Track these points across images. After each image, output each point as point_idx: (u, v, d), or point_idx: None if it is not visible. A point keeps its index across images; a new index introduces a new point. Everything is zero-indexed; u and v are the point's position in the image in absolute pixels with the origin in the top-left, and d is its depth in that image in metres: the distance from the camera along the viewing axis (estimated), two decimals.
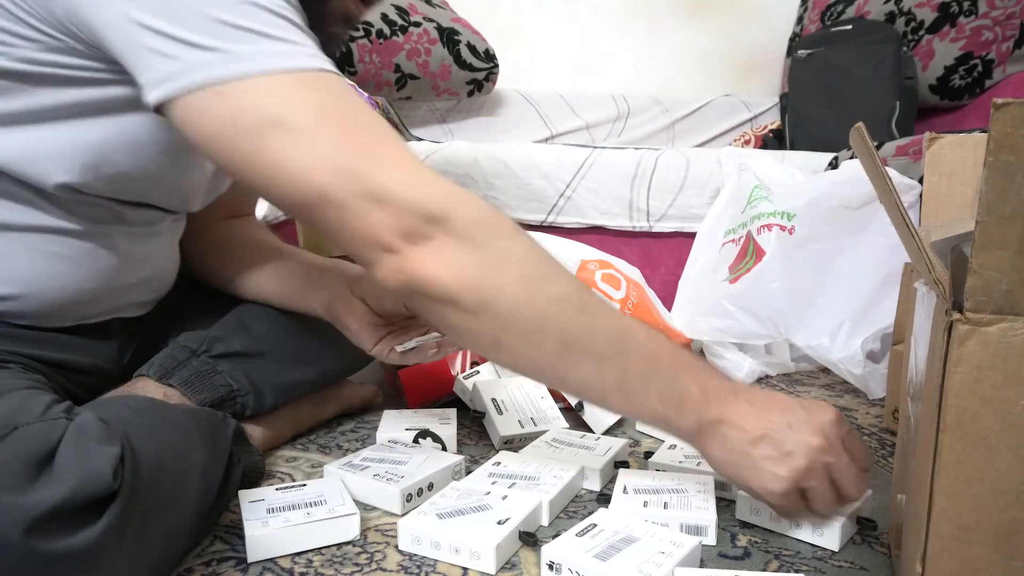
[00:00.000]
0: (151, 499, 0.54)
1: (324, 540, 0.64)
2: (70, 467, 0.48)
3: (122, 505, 0.50)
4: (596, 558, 0.57)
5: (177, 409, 0.69)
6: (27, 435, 0.50)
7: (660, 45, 2.42)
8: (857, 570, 0.63)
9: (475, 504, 0.67)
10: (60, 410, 0.55)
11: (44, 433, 0.50)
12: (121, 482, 0.50)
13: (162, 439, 0.58)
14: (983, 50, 1.92)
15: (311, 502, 0.67)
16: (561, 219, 1.61)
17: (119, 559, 0.50)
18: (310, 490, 0.70)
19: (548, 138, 2.26)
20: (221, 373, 0.82)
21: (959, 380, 0.44)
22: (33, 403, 0.55)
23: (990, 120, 0.41)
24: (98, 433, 0.52)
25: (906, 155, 1.36)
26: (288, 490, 0.70)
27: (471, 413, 0.97)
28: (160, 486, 0.55)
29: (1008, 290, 0.42)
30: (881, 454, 0.91)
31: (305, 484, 0.71)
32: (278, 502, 0.67)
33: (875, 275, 1.18)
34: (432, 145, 1.69)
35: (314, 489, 0.70)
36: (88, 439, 0.51)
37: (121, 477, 0.50)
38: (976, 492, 0.45)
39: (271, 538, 0.62)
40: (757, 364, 1.26)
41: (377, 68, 1.97)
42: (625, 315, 0.67)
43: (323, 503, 0.67)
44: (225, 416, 0.73)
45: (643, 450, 0.90)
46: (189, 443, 0.62)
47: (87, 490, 0.48)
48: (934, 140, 1.01)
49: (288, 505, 0.66)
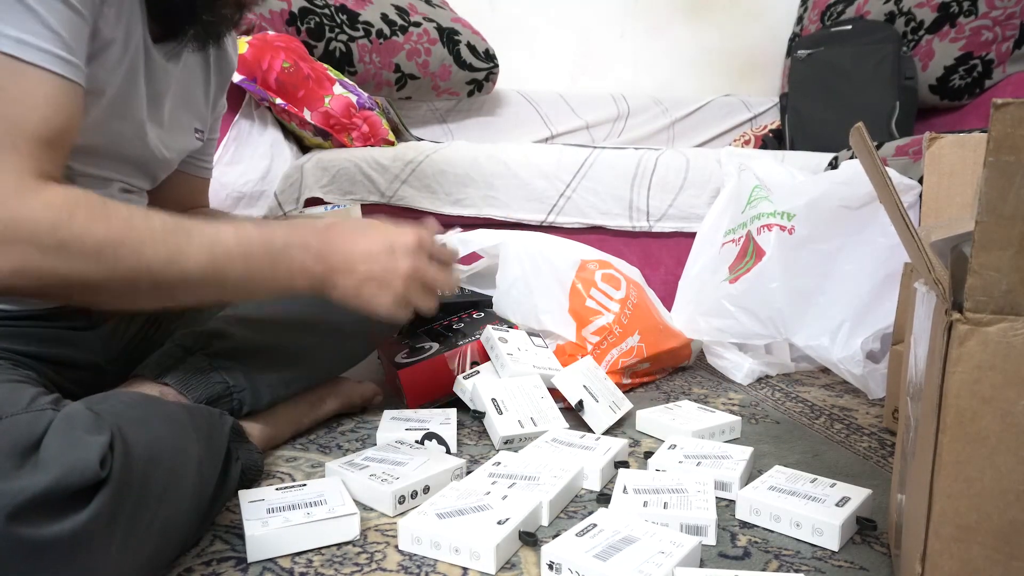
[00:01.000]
0: (144, 491, 0.54)
1: (324, 540, 0.64)
2: (56, 455, 0.49)
3: (111, 494, 0.50)
4: (596, 558, 0.57)
5: (172, 405, 0.69)
6: (13, 424, 0.51)
7: (660, 45, 2.42)
8: (857, 570, 0.63)
9: (475, 504, 0.67)
10: (47, 401, 0.56)
11: (30, 423, 0.51)
12: (110, 471, 0.50)
13: (155, 432, 0.59)
14: (983, 50, 1.92)
15: (311, 502, 0.67)
16: (561, 219, 1.61)
17: (108, 549, 0.50)
18: (310, 490, 0.70)
19: (548, 138, 2.26)
20: (217, 370, 0.82)
21: (959, 380, 0.44)
22: (19, 395, 0.56)
23: (990, 120, 0.41)
24: (87, 422, 0.52)
25: (906, 155, 1.36)
26: (288, 490, 0.70)
27: (471, 413, 0.97)
28: (153, 479, 0.55)
29: (1008, 290, 0.42)
30: (881, 454, 0.91)
31: (305, 484, 0.71)
32: (278, 502, 0.67)
33: (875, 275, 1.18)
34: (432, 145, 1.69)
35: (314, 489, 0.70)
36: (76, 428, 0.51)
37: (110, 466, 0.50)
38: (976, 492, 0.45)
39: (271, 538, 0.62)
40: (757, 364, 1.26)
41: (377, 68, 1.97)
42: (210, 226, 0.68)
43: (323, 503, 0.67)
44: (222, 413, 0.73)
45: (643, 450, 0.90)
46: (184, 438, 0.62)
47: (73, 478, 0.48)
48: (934, 140, 1.01)
49: (288, 505, 0.66)
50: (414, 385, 1.04)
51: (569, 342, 1.15)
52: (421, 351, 1.08)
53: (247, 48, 1.57)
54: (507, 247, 1.19)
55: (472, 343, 1.08)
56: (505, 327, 1.11)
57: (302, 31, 1.86)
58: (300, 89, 1.64)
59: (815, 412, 1.08)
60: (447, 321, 1.20)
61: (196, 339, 0.84)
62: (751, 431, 0.99)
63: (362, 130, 1.71)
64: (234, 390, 0.83)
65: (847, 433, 0.99)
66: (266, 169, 1.57)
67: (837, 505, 0.68)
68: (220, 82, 0.95)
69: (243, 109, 1.64)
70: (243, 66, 1.56)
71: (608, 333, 1.16)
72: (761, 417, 1.05)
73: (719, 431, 0.94)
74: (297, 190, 1.55)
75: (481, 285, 1.28)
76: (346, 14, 1.92)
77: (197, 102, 0.90)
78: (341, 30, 1.91)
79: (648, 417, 0.98)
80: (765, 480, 0.74)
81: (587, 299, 1.18)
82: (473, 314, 1.21)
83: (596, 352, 1.14)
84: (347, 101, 1.69)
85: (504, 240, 1.21)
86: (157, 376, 0.79)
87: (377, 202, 1.58)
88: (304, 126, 1.67)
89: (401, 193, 1.58)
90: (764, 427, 1.01)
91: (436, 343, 1.10)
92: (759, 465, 0.85)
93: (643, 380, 1.23)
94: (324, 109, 1.66)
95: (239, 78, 1.55)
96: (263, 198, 1.56)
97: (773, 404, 1.12)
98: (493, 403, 0.93)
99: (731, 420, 0.96)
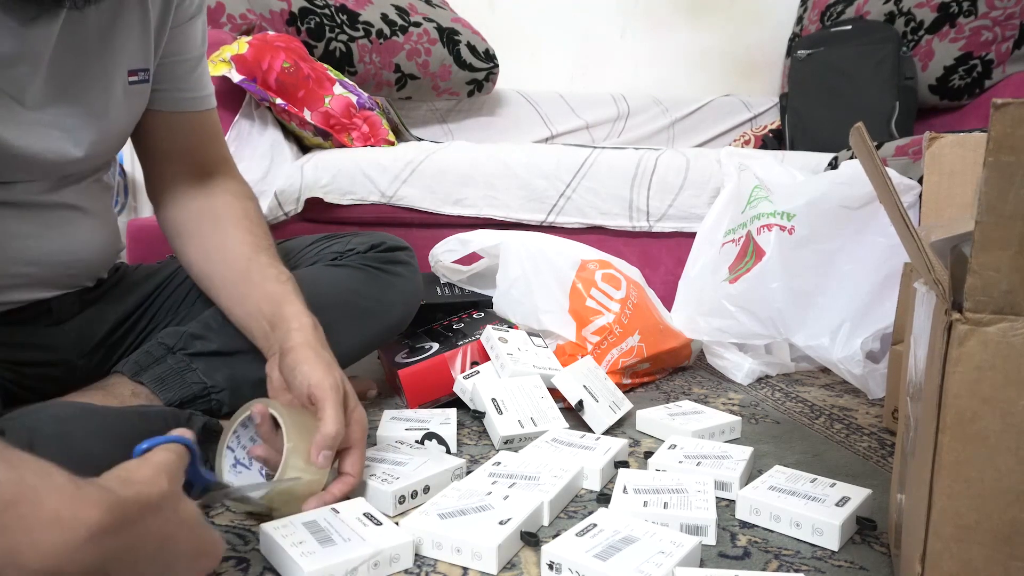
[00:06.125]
0: None
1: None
2: None
3: None
4: (596, 558, 0.57)
5: (114, 415, 0.66)
6: None
7: (660, 45, 2.42)
8: (857, 570, 0.63)
9: (476, 504, 0.67)
10: None
11: None
12: None
13: (79, 449, 0.54)
14: (983, 50, 1.92)
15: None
16: (561, 219, 1.61)
17: None
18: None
19: (548, 138, 2.26)
20: (195, 371, 0.82)
21: (959, 380, 0.44)
22: None
23: (990, 120, 0.41)
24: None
25: (906, 155, 1.36)
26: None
27: (471, 413, 0.97)
28: None
29: (1008, 290, 0.42)
30: (881, 454, 0.91)
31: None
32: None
33: (875, 275, 1.18)
34: (432, 145, 1.69)
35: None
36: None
37: None
38: (976, 492, 0.45)
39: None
40: (757, 364, 1.27)
41: (377, 68, 1.97)
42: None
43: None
44: (192, 413, 0.73)
45: (643, 450, 0.90)
46: (120, 449, 0.53)
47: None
48: (934, 140, 1.01)
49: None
50: (414, 385, 1.04)
51: (569, 342, 1.15)
52: (421, 351, 1.08)
53: (247, 48, 1.57)
54: (507, 247, 1.19)
55: (472, 343, 1.08)
56: (505, 327, 1.12)
57: (302, 31, 1.86)
58: (300, 89, 1.64)
59: (815, 412, 1.08)
60: (447, 321, 1.20)
61: (178, 338, 0.84)
62: (751, 431, 0.99)
63: (362, 130, 1.71)
64: (212, 391, 0.82)
65: (847, 433, 0.99)
66: (266, 169, 1.57)
67: (837, 505, 0.68)
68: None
69: (243, 109, 1.64)
70: (243, 66, 1.56)
71: (608, 333, 1.16)
72: (761, 417, 1.05)
73: (719, 431, 0.94)
74: (297, 190, 1.55)
75: (481, 285, 1.28)
76: (346, 14, 1.92)
77: (124, 47, 0.79)
78: (341, 30, 1.91)
79: (648, 417, 0.98)
80: (765, 480, 0.74)
81: (587, 299, 1.18)
82: (473, 314, 1.21)
83: (596, 352, 1.14)
84: (347, 101, 1.69)
85: (504, 240, 1.21)
86: (133, 375, 0.79)
87: (377, 202, 1.58)
88: (304, 126, 1.67)
89: (401, 193, 1.58)
90: (764, 427, 1.01)
91: (436, 343, 1.10)
92: (759, 465, 0.85)
93: (643, 380, 1.23)
94: (324, 109, 1.66)
95: (239, 78, 1.56)
96: (263, 198, 1.56)
97: (773, 404, 1.12)
98: (493, 403, 0.93)
99: (731, 420, 0.96)
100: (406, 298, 1.03)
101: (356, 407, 0.71)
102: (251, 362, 0.85)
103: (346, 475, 0.69)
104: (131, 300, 0.92)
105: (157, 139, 0.89)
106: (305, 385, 0.68)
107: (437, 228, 1.57)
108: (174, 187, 0.90)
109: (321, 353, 0.71)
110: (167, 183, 0.90)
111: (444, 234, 1.29)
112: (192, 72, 0.88)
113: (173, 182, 0.90)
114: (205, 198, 0.89)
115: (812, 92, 2.09)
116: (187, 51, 0.87)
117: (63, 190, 0.79)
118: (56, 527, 0.38)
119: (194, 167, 0.90)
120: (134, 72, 0.80)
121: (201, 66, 0.90)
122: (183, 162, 0.90)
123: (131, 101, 0.82)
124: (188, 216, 0.89)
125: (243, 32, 1.78)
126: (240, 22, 1.81)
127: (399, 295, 1.01)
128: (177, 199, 0.90)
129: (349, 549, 0.58)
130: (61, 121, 0.75)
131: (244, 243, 0.84)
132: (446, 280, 1.30)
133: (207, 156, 0.92)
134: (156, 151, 0.90)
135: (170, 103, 0.87)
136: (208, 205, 0.89)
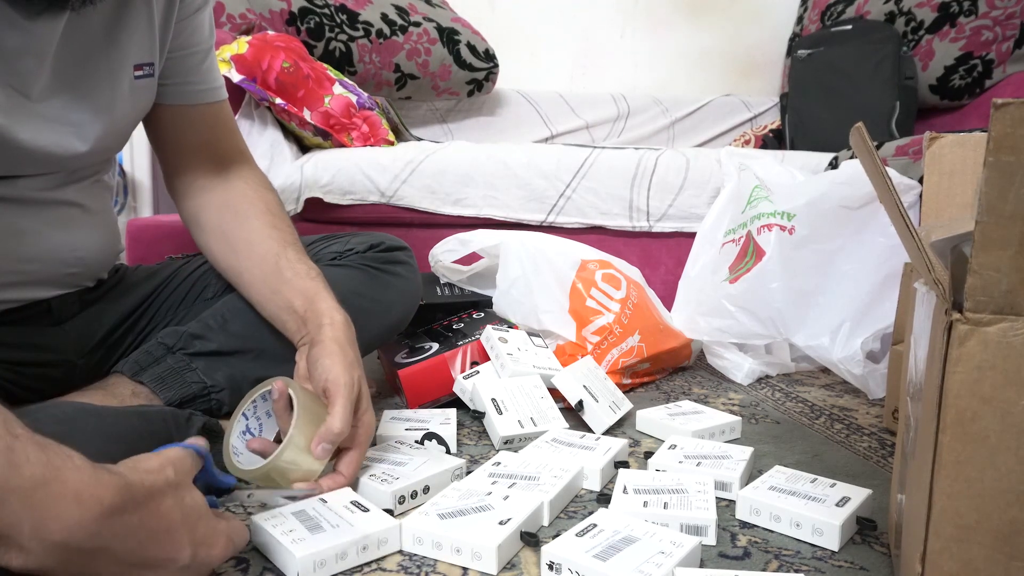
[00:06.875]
0: None
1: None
2: None
3: None
4: (596, 558, 0.57)
5: (113, 416, 0.65)
6: None
7: (660, 45, 2.42)
8: (857, 570, 0.63)
9: (476, 504, 0.67)
10: None
11: None
12: None
13: (80, 449, 0.53)
14: (983, 50, 1.92)
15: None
16: (561, 219, 1.61)
17: None
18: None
19: (548, 138, 2.26)
20: (195, 370, 0.82)
21: (959, 380, 0.44)
22: None
23: (990, 120, 0.41)
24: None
25: (906, 155, 1.36)
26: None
27: (471, 413, 0.97)
28: None
29: (1008, 290, 0.42)
30: (881, 454, 0.91)
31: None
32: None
33: (875, 275, 1.18)
34: (432, 145, 1.69)
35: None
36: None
37: None
38: (976, 492, 0.45)
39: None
40: (757, 364, 1.27)
41: (377, 68, 1.97)
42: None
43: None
44: (191, 414, 0.73)
45: (643, 450, 0.90)
46: (115, 452, 0.53)
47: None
48: (934, 140, 1.01)
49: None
50: (414, 385, 1.04)
51: (569, 342, 1.15)
52: (421, 351, 1.08)
53: (247, 48, 1.57)
54: (507, 247, 1.19)
55: (472, 343, 1.08)
56: (505, 327, 1.11)
57: (302, 31, 1.86)
58: (300, 89, 1.64)
59: (815, 412, 1.08)
60: (447, 321, 1.20)
61: (178, 338, 0.84)
62: (751, 431, 0.99)
63: (362, 130, 1.71)
64: (212, 390, 0.82)
65: (847, 433, 0.99)
66: (266, 169, 1.57)
67: (837, 505, 0.68)
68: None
69: (243, 109, 1.64)
70: (243, 66, 1.56)
71: (608, 333, 1.16)
72: (761, 417, 1.05)
73: (719, 431, 0.94)
74: (297, 190, 1.55)
75: (481, 285, 1.28)
76: (346, 14, 1.92)
77: (129, 41, 0.79)
78: (341, 30, 1.91)
79: (648, 417, 0.98)
80: (765, 480, 0.74)
81: (587, 299, 1.18)
82: (473, 314, 1.21)
83: (596, 352, 1.14)
84: (347, 101, 1.69)
85: (504, 240, 1.21)
86: (134, 374, 0.79)
87: (377, 202, 1.58)
88: (304, 126, 1.67)
89: (401, 193, 1.58)
90: (764, 427, 1.01)
91: (436, 343, 1.10)
92: (759, 465, 0.85)
93: (643, 380, 1.23)
94: (324, 109, 1.66)
95: (239, 78, 1.56)
96: None
97: (773, 404, 1.12)
98: (493, 403, 0.93)
99: (731, 420, 0.96)
100: (405, 298, 1.03)
101: (367, 410, 0.72)
102: (251, 362, 0.85)
103: (338, 474, 0.70)
104: (131, 300, 0.92)
105: (173, 133, 0.89)
106: (323, 379, 0.70)
107: (437, 228, 1.57)
108: (193, 180, 0.90)
109: (346, 350, 0.73)
110: (185, 176, 0.91)
111: (444, 234, 1.29)
112: (202, 64, 0.89)
113: (192, 175, 0.90)
114: (224, 190, 0.90)
115: (812, 92, 2.09)
116: (195, 44, 0.87)
117: (66, 187, 0.79)
118: (77, 504, 0.42)
119: (212, 159, 0.91)
120: (140, 67, 0.81)
121: (210, 58, 0.90)
122: (200, 155, 0.90)
123: (137, 96, 0.82)
124: (209, 209, 0.89)
125: (243, 32, 1.78)
126: (240, 22, 1.81)
127: (398, 295, 1.01)
128: (196, 192, 0.90)
129: (338, 535, 0.60)
130: (67, 115, 0.74)
131: (271, 238, 0.85)
132: (446, 280, 1.30)
133: (224, 147, 0.92)
134: (173, 145, 0.90)
135: (183, 96, 0.87)
136: (228, 197, 0.89)
